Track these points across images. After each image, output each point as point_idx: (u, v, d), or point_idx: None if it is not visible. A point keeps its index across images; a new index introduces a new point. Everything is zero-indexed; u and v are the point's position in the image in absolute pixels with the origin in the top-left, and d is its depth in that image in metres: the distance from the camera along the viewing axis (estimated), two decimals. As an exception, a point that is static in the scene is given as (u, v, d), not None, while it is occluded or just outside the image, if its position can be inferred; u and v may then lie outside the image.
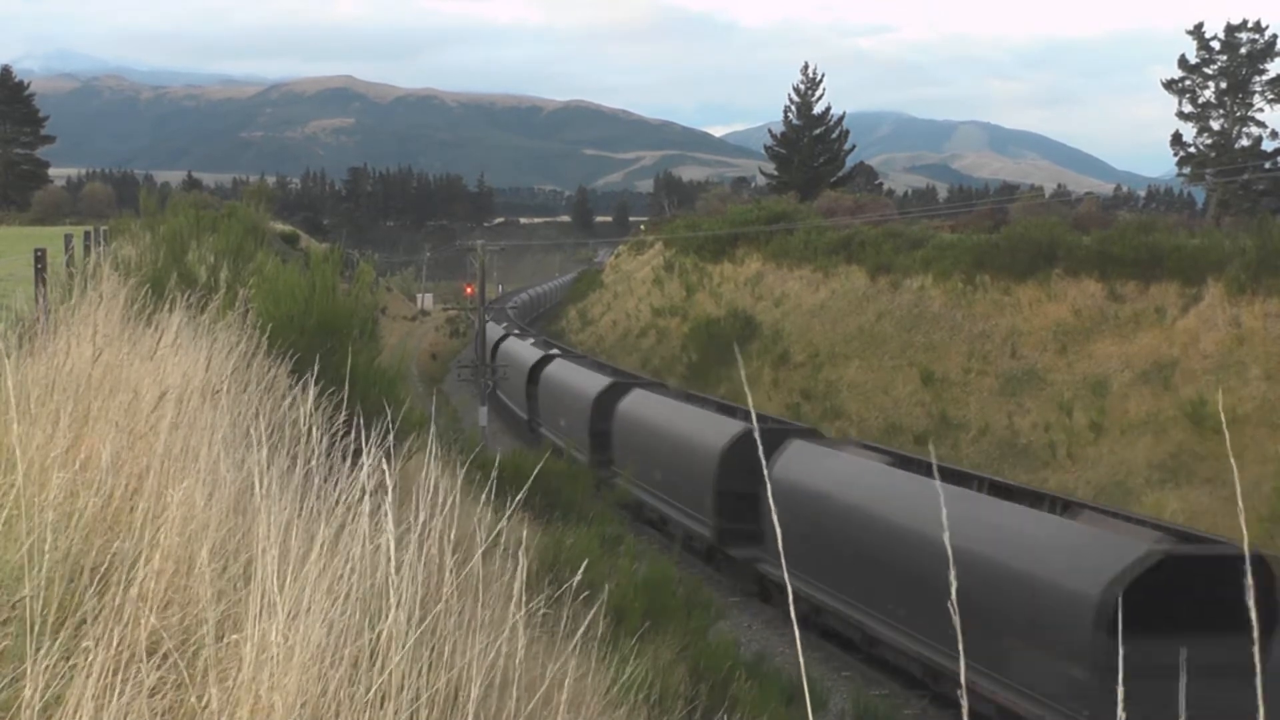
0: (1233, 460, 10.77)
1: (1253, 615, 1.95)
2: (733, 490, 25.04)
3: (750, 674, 13.52)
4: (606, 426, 32.89)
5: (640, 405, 32.06)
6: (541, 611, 5.23)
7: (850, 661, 21.49)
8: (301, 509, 3.92)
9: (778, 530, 2.47)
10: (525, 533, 5.47)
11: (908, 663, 19.45)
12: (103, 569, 3.65)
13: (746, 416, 27.50)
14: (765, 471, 2.67)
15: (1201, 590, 14.27)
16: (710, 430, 27.30)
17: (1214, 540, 16.90)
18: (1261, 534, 22.92)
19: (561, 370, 40.39)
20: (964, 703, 2.18)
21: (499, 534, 4.59)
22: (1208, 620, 13.55)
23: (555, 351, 45.48)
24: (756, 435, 25.67)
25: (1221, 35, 65.19)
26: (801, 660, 2.85)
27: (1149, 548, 15.13)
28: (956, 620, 2.05)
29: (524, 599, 3.69)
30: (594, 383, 35.56)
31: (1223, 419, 27.64)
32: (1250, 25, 64.98)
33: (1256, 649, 1.97)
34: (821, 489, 21.80)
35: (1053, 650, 15.54)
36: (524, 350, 47.77)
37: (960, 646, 2.16)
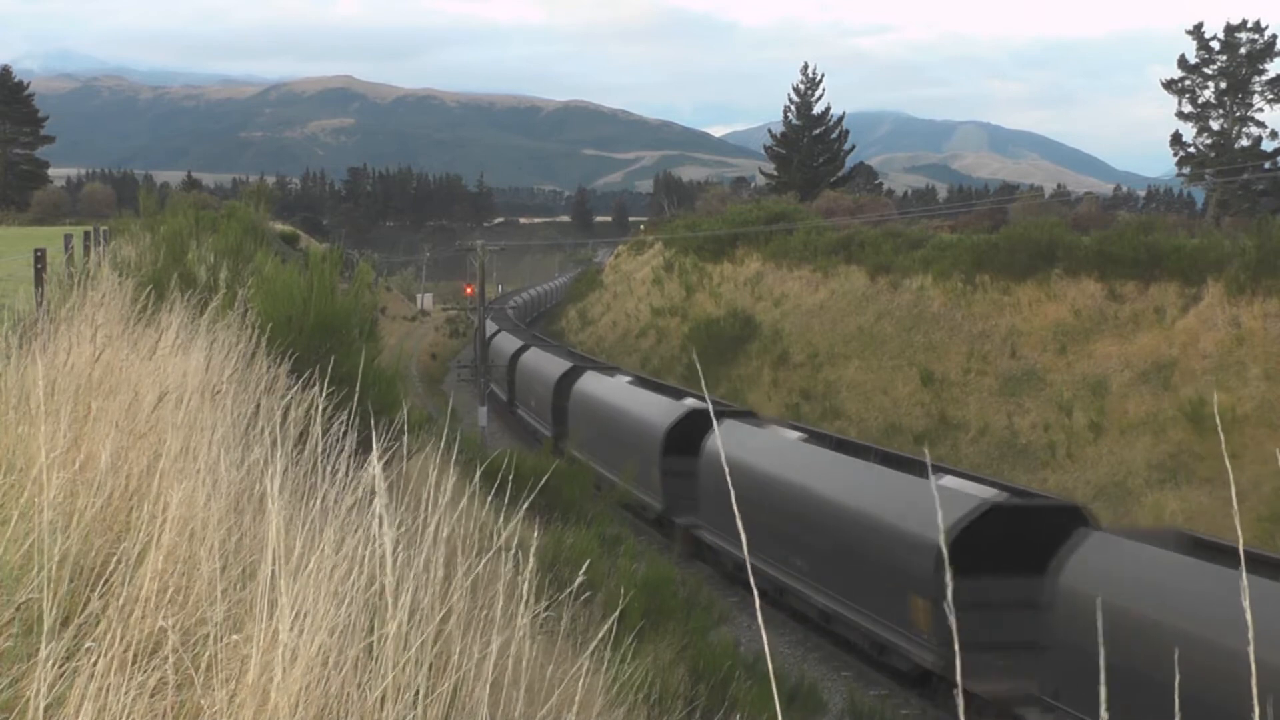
0: (1228, 461, 10.84)
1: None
2: (674, 467, 27.80)
3: (750, 674, 13.52)
4: (564, 404, 36.90)
5: (594, 385, 36.02)
6: (542, 612, 5.23)
7: (850, 661, 21.48)
8: (304, 509, 3.92)
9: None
10: (525, 533, 5.48)
11: (808, 609, 22.59)
12: (103, 569, 3.65)
13: (690, 399, 30.91)
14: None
15: (1027, 536, 16.81)
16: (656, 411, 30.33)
17: (1044, 496, 20.64)
18: (1261, 534, 22.93)
19: (534, 357, 46.07)
20: (959, 701, 2.19)
21: (500, 534, 4.60)
22: (1025, 562, 16.46)
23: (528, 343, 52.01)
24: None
25: (1221, 35, 65.26)
26: (765, 636, 2.85)
27: (981, 500, 17.43)
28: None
29: (527, 599, 3.70)
30: (557, 367, 40.63)
31: (1218, 420, 27.63)
32: (1250, 25, 65.02)
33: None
34: (746, 462, 24.19)
35: (905, 586, 18.25)
36: (506, 342, 53.88)
37: (956, 647, 2.17)
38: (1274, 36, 64.80)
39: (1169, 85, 66.16)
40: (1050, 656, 15.33)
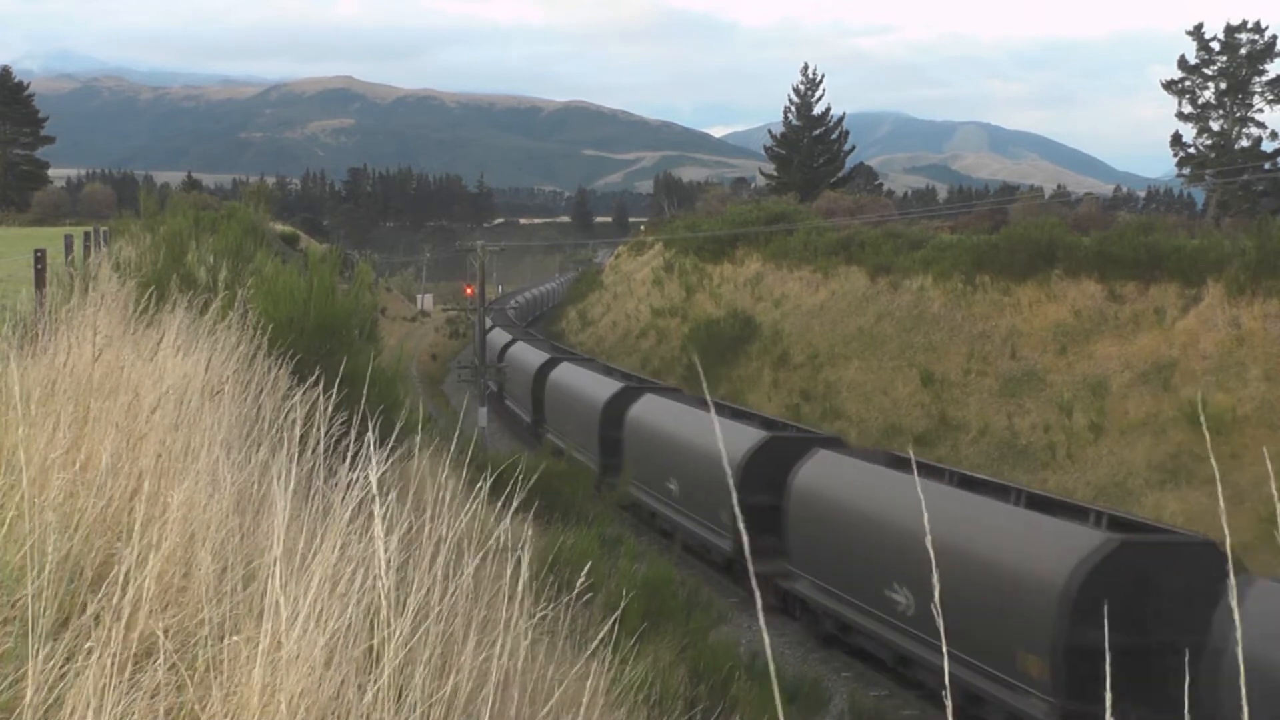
0: (1214, 462, 10.89)
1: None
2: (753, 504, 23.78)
3: (750, 674, 13.51)
4: (616, 435, 32.91)
5: (654, 411, 32.22)
6: (543, 613, 5.22)
7: (849, 662, 21.49)
8: (305, 510, 3.92)
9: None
10: (527, 534, 5.48)
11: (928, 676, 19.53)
12: (104, 570, 3.65)
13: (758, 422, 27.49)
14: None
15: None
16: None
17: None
18: (1261, 534, 22.91)
19: (570, 375, 42.56)
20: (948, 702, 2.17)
21: (501, 535, 4.59)
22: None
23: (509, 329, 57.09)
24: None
25: (1221, 36, 65.26)
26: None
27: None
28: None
29: (528, 601, 3.69)
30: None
31: (1202, 418, 27.55)
32: (1250, 26, 65.02)
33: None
34: (850, 501, 21.39)
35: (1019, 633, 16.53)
36: (528, 354, 51.80)
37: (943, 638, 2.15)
38: (1274, 37, 64.82)
39: (1169, 86, 66.16)
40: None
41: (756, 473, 24.16)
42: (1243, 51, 64.55)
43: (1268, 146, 65.25)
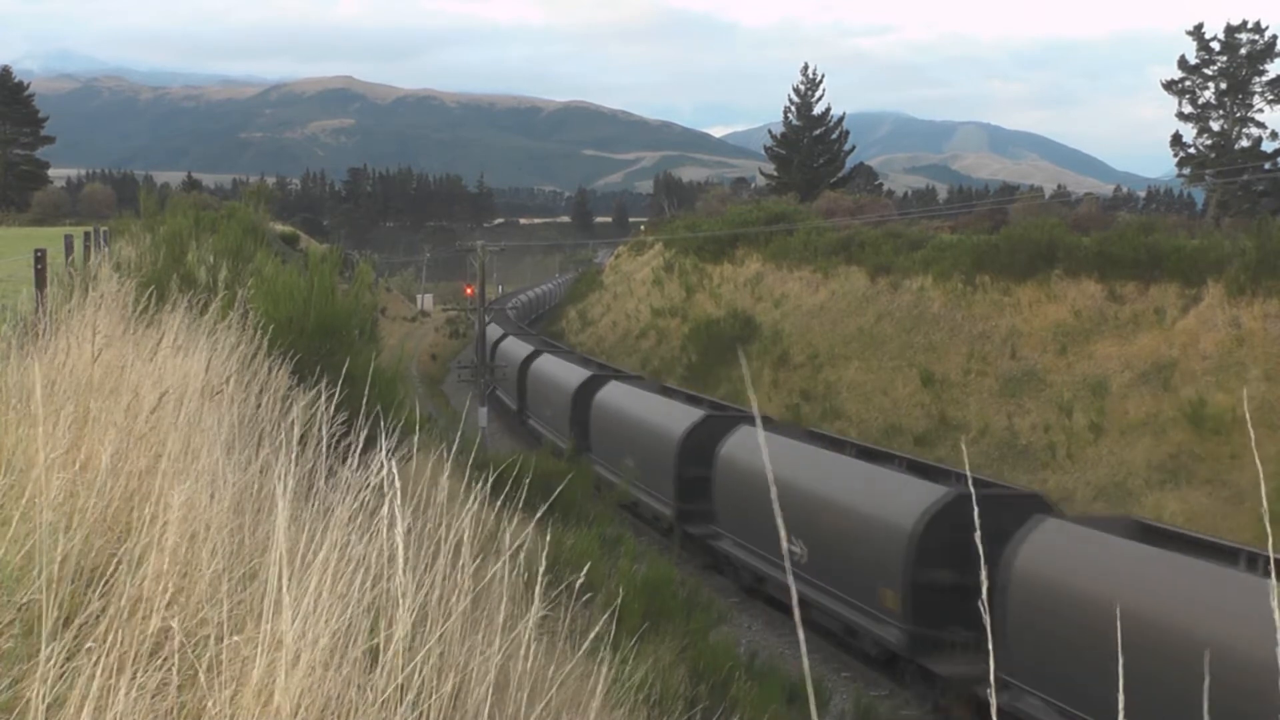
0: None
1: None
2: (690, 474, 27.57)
3: (750, 674, 13.52)
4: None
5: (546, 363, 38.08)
6: (542, 613, 5.23)
7: (849, 662, 21.50)
8: (306, 510, 3.92)
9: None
10: (527, 534, 5.48)
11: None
12: (105, 570, 3.65)
13: (701, 405, 30.66)
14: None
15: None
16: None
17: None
18: (1262, 535, 22.90)
19: (622, 396, 45.57)
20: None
21: (502, 535, 4.59)
22: None
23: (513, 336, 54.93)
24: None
25: (1221, 36, 65.24)
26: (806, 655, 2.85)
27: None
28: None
29: (528, 601, 3.70)
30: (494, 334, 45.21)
31: (1246, 413, 27.57)
32: (1250, 26, 65.01)
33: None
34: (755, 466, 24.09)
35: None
36: (568, 373, 53.32)
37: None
38: (1274, 37, 64.80)
39: (1169, 86, 66.15)
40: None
41: (694, 447, 27.49)
42: (1243, 51, 64.54)
43: (1268, 146, 65.26)
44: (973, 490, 3.13)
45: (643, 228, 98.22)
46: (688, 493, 27.77)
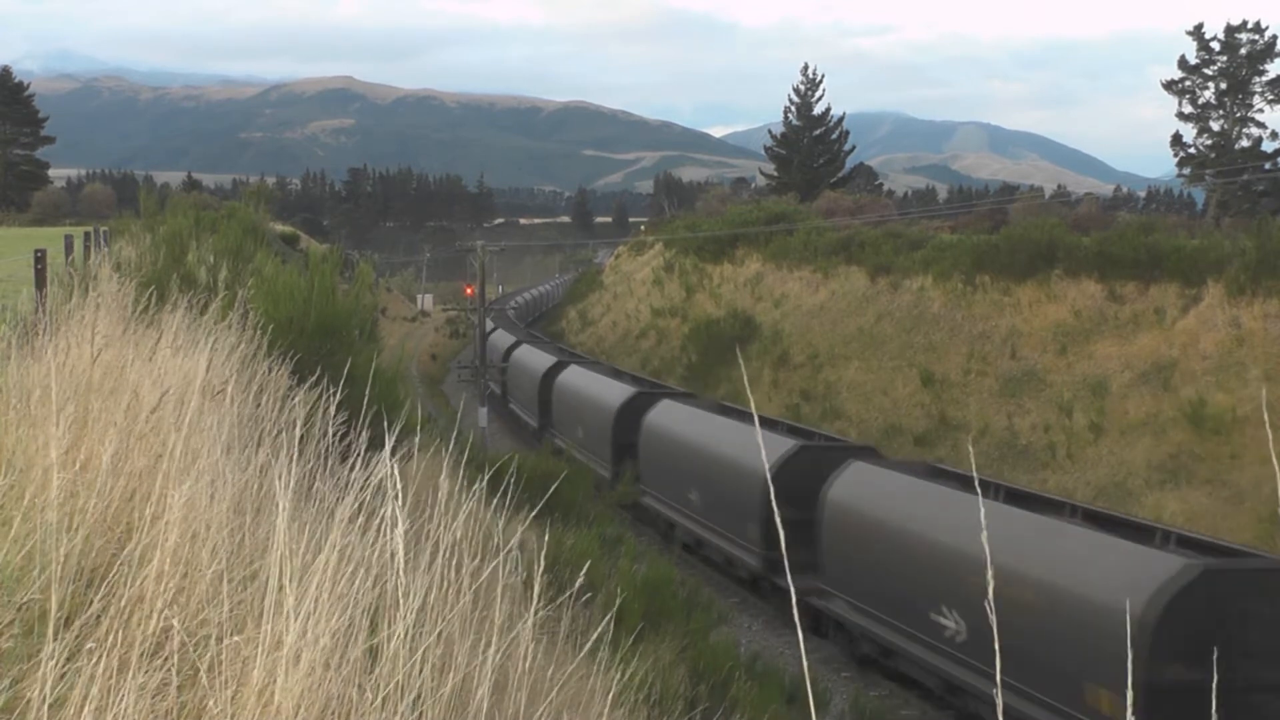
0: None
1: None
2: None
3: (750, 674, 13.52)
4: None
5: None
6: (542, 613, 5.23)
7: (849, 663, 21.50)
8: (306, 510, 3.92)
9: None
10: (527, 534, 5.48)
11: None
12: (105, 570, 3.65)
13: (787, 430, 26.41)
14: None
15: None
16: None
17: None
18: (1262, 535, 22.91)
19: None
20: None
21: (502, 535, 4.59)
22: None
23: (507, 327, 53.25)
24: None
25: (1221, 36, 65.22)
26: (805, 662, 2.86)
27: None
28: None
29: (529, 601, 3.70)
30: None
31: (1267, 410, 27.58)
32: (1250, 26, 65.00)
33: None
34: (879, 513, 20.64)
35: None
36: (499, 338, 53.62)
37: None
38: (1274, 37, 64.78)
39: (1169, 86, 66.14)
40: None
41: (785, 485, 21.79)
42: (1243, 51, 64.53)
43: (1268, 146, 65.23)
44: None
45: (643, 228, 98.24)
46: (776, 539, 24.11)
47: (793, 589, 2.07)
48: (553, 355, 44.82)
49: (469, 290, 64.06)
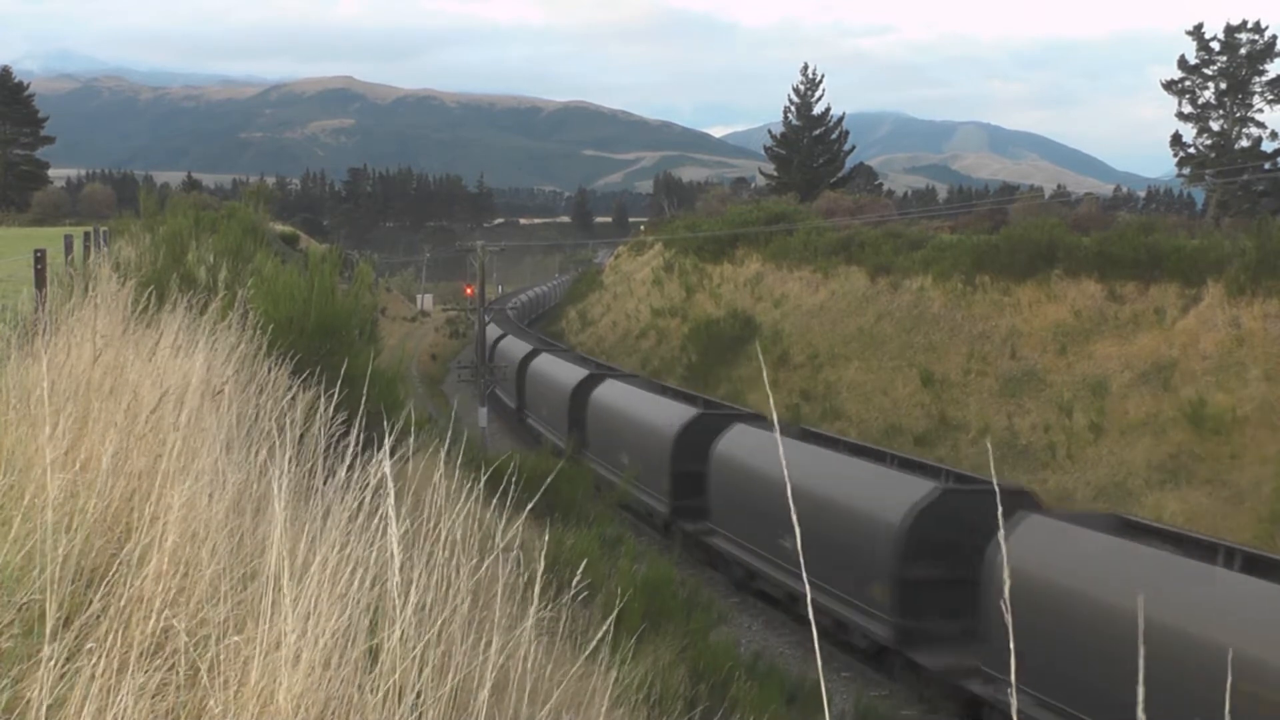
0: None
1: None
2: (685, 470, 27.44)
3: (750, 674, 13.52)
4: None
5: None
6: (542, 613, 5.23)
7: (849, 662, 21.50)
8: (306, 510, 3.92)
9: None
10: (527, 534, 5.48)
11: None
12: (105, 570, 3.65)
13: (695, 402, 30.60)
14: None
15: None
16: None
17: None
18: (1262, 534, 22.92)
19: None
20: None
21: (502, 535, 4.59)
22: None
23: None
24: None
25: (1221, 36, 65.23)
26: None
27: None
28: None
29: (529, 601, 3.70)
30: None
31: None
32: (1250, 26, 65.00)
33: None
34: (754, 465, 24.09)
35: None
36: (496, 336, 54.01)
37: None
38: (1274, 37, 64.79)
39: (1169, 86, 66.15)
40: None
41: (688, 444, 27.52)
42: (1243, 51, 64.53)
43: (1268, 146, 65.24)
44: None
45: (643, 228, 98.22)
46: (684, 488, 28.08)
47: (810, 604, 2.02)
48: (585, 369, 39.26)
49: (469, 290, 64.08)
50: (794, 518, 2.58)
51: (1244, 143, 65.18)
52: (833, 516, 20.49)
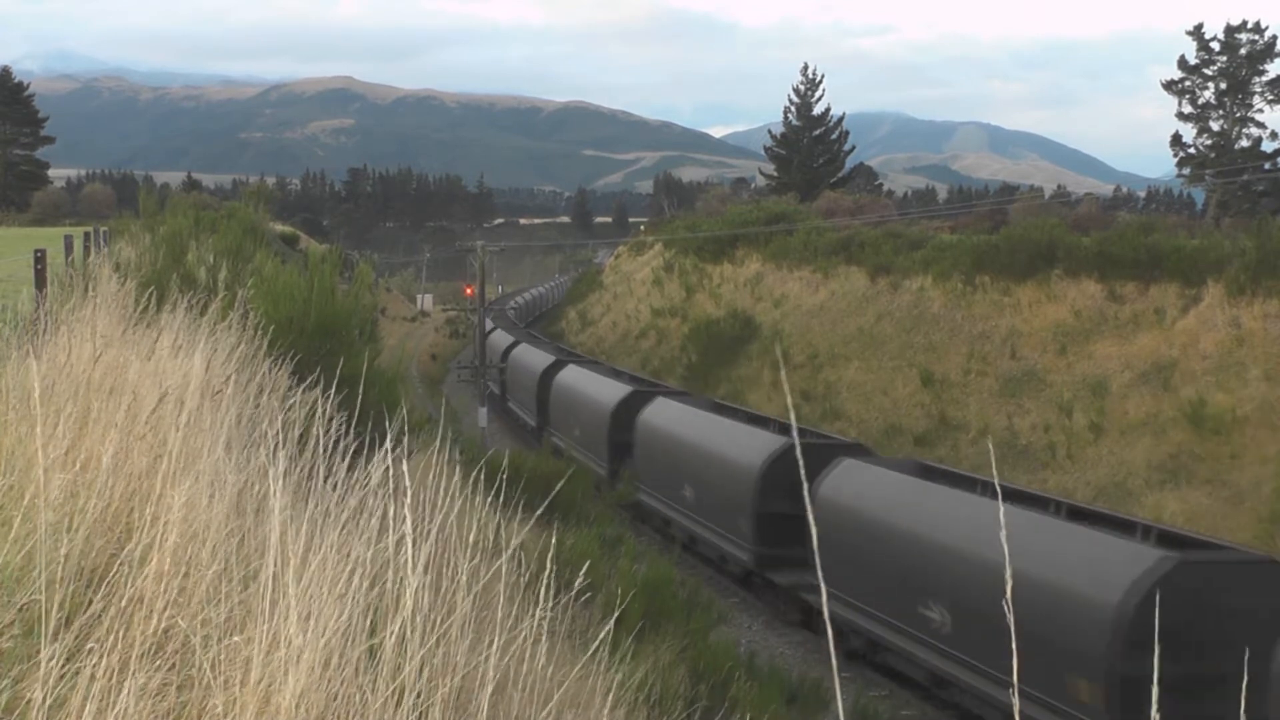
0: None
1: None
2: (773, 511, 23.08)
3: (750, 674, 13.52)
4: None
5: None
6: (542, 613, 5.22)
7: (849, 663, 21.50)
8: (306, 510, 3.92)
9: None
10: (526, 534, 5.48)
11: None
12: (105, 570, 3.65)
13: (783, 430, 25.57)
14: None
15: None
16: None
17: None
18: (1262, 534, 22.92)
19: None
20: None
21: (501, 535, 4.60)
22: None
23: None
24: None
25: (1221, 36, 65.24)
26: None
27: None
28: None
29: (529, 602, 3.70)
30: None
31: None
32: (1250, 26, 65.01)
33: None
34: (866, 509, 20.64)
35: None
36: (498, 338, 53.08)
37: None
38: (1274, 37, 64.79)
39: (1169, 86, 66.15)
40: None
41: (775, 481, 23.18)
42: (1243, 51, 64.53)
43: (1268, 146, 65.24)
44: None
45: (643, 228, 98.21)
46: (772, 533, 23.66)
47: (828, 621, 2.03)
48: (627, 384, 35.09)
49: (469, 290, 64.07)
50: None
51: (1244, 143, 65.18)
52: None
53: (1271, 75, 64.80)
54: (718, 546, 26.01)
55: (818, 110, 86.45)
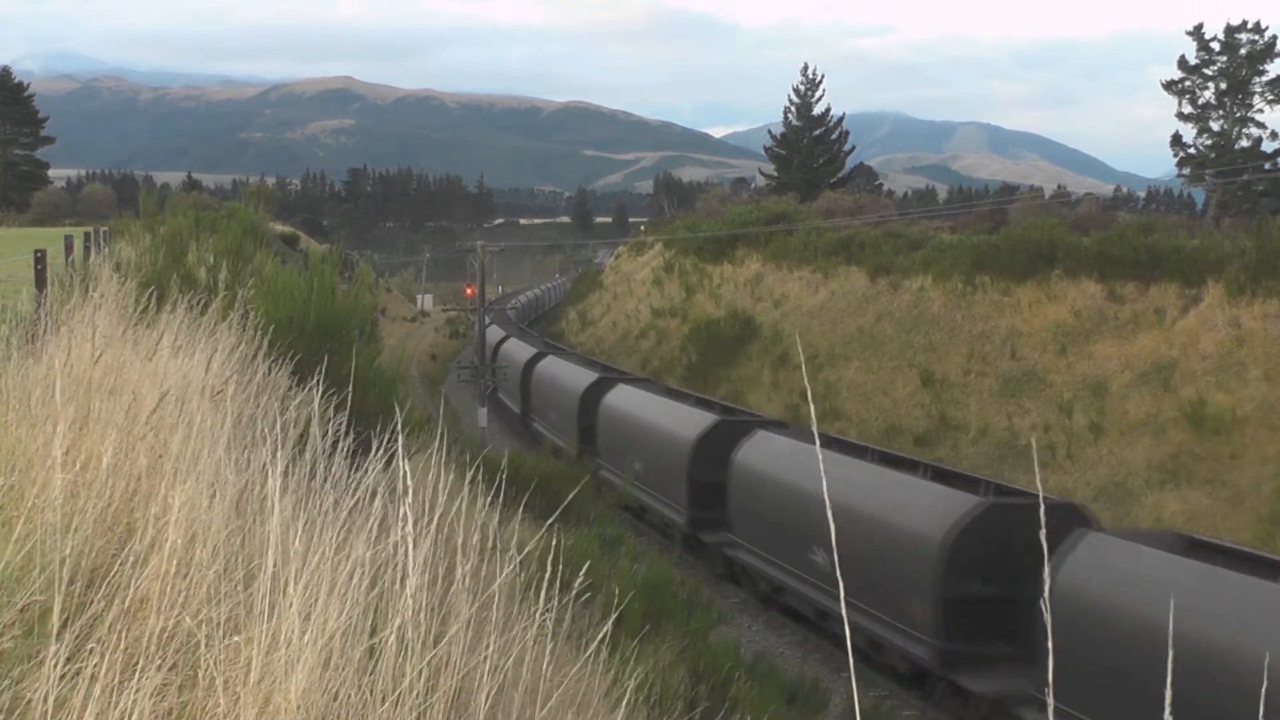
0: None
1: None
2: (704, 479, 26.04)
3: (750, 675, 13.53)
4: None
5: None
6: (541, 613, 5.22)
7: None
8: (305, 510, 3.93)
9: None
10: (526, 534, 5.49)
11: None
12: (106, 571, 3.66)
13: (713, 408, 28.89)
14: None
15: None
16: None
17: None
18: (1262, 534, 22.92)
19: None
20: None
21: (502, 535, 4.60)
22: None
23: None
24: None
25: (1221, 36, 65.25)
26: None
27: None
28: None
29: (529, 602, 3.70)
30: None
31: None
32: (1250, 26, 65.02)
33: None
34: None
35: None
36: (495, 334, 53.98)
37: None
38: (1274, 37, 64.80)
39: (1169, 86, 66.15)
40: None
41: (707, 453, 26.07)
42: (1243, 52, 64.54)
43: (1268, 146, 65.25)
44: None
45: (643, 228, 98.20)
46: (703, 498, 26.52)
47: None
48: (595, 372, 37.42)
49: (469, 290, 64.09)
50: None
51: (1244, 143, 65.19)
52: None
53: (1271, 75, 64.88)
54: (662, 514, 28.72)
55: (818, 110, 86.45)
